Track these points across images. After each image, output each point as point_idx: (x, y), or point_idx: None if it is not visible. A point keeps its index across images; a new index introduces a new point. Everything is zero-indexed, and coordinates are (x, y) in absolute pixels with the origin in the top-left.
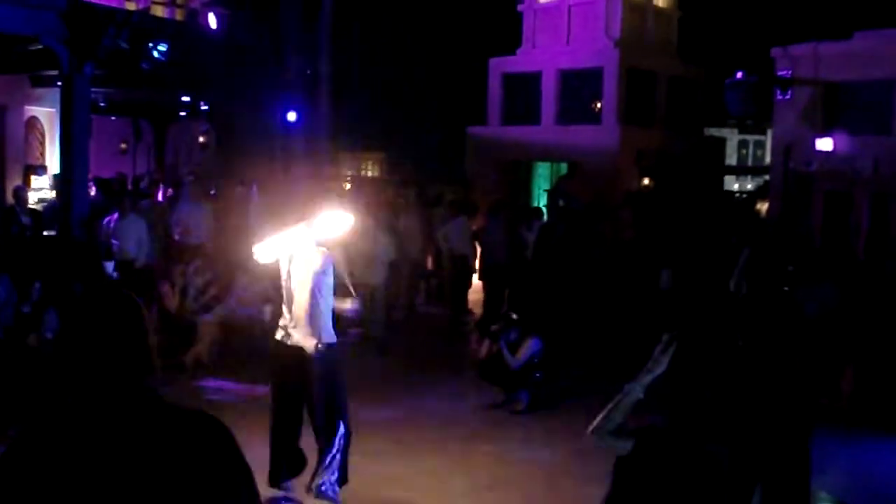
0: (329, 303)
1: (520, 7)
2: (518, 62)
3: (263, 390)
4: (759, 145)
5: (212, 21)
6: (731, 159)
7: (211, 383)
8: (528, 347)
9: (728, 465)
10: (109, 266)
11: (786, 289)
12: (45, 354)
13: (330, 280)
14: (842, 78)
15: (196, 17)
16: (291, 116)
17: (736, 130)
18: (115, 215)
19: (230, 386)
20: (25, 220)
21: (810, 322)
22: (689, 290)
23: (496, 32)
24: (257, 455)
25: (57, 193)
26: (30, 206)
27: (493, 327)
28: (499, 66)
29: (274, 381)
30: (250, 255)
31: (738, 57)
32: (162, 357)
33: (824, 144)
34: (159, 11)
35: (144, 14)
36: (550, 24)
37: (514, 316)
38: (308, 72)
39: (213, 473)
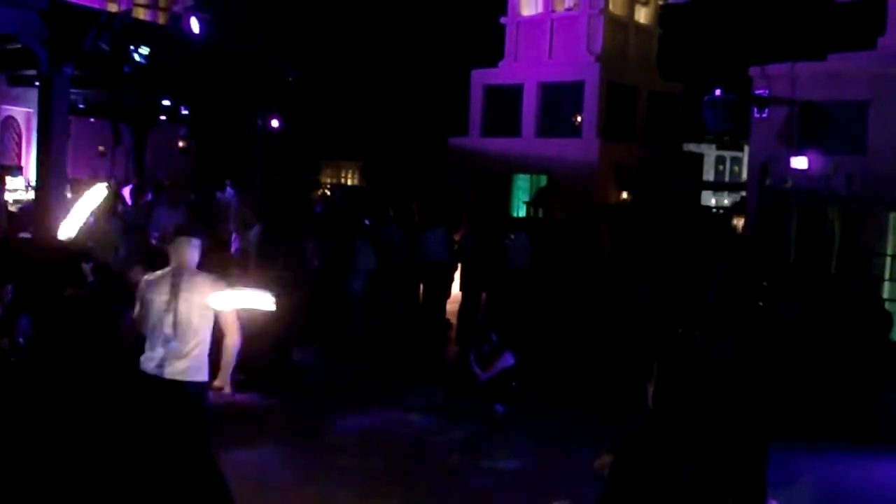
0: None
1: (502, 20)
2: (500, 74)
3: (241, 398)
4: (736, 161)
5: (194, 25)
6: (709, 175)
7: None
8: (500, 361)
9: (690, 479)
10: (87, 267)
11: (760, 304)
12: (16, 358)
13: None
14: (817, 98)
15: (178, 21)
16: (274, 123)
17: (713, 146)
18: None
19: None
20: None
21: (784, 335)
22: (667, 303)
23: (478, 44)
24: (240, 458)
25: (34, 194)
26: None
27: (469, 337)
28: (480, 77)
29: None
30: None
31: (717, 75)
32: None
33: (799, 162)
34: (141, 14)
35: (126, 16)
36: (532, 38)
37: (495, 336)
38: (291, 79)
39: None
